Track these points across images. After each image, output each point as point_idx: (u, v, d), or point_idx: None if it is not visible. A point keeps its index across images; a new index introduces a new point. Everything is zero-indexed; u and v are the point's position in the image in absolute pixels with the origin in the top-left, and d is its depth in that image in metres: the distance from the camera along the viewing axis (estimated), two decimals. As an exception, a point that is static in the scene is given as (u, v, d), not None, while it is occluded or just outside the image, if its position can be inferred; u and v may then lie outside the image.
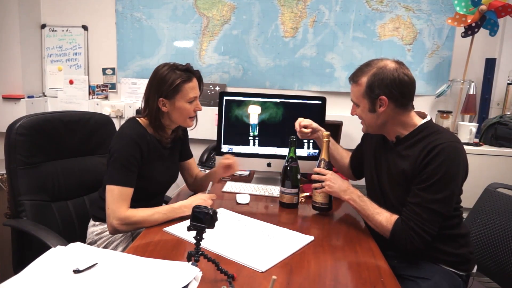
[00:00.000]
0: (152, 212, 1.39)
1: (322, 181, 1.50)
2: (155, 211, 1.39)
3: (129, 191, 1.40)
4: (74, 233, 1.63)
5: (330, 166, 1.55)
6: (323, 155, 1.56)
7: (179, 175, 1.77)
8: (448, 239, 1.36)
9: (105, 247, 1.50)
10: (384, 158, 1.46)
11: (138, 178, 1.45)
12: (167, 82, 1.45)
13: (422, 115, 1.43)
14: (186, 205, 1.44)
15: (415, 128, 1.37)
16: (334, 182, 1.47)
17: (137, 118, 1.52)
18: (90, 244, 1.53)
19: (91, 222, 1.56)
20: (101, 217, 1.49)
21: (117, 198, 1.37)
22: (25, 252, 1.54)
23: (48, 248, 1.07)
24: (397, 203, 1.37)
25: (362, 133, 2.51)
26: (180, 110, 1.49)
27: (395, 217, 1.33)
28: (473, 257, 1.43)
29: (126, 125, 1.49)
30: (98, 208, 1.54)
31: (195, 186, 1.79)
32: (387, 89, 1.32)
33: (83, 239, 1.54)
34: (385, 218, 1.34)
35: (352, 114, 1.48)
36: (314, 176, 1.54)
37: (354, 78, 1.40)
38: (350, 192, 1.44)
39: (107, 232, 1.48)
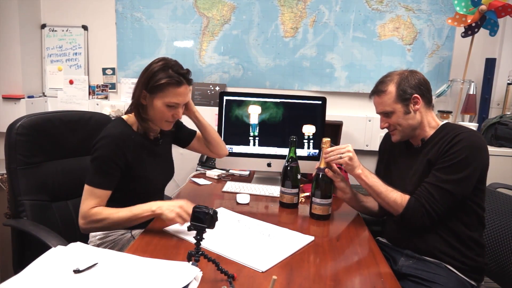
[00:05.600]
0: (118, 210, 1.33)
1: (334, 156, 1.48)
2: (122, 209, 1.33)
3: (101, 193, 1.35)
4: (74, 233, 1.62)
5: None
6: (323, 164, 1.51)
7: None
8: (468, 241, 1.38)
9: None
10: (410, 162, 1.49)
11: (130, 180, 1.42)
12: (155, 77, 1.38)
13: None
14: (157, 203, 1.33)
15: (438, 127, 1.46)
16: (355, 155, 1.47)
17: (123, 117, 1.48)
18: None
19: None
20: None
21: (86, 197, 1.35)
22: (25, 252, 1.53)
23: (48, 248, 1.07)
24: None
25: (362, 134, 2.53)
26: (155, 110, 1.42)
27: (407, 196, 1.38)
28: (486, 269, 1.45)
29: (111, 125, 1.44)
30: None
31: (212, 147, 1.74)
32: (417, 87, 1.43)
33: (83, 239, 1.52)
34: (399, 196, 1.39)
35: (382, 127, 1.52)
36: (332, 151, 1.48)
37: (380, 90, 1.47)
38: (363, 167, 1.47)
39: (110, 237, 1.47)
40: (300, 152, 1.89)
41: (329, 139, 1.53)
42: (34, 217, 1.49)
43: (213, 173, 2.08)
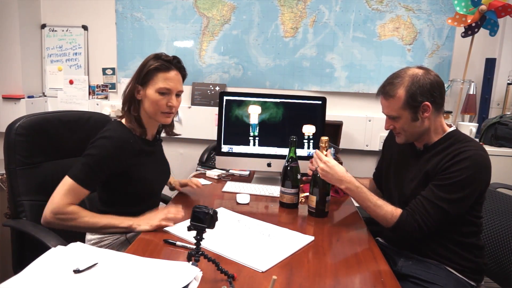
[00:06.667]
0: (94, 214, 1.32)
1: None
2: (99, 215, 1.33)
3: (81, 191, 1.32)
4: (73, 233, 1.62)
5: None
6: None
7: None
8: (466, 245, 1.37)
9: None
10: (410, 164, 1.46)
11: (130, 183, 1.43)
12: (144, 67, 1.41)
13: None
14: (136, 220, 1.32)
15: (444, 135, 1.39)
16: (328, 171, 1.43)
17: (120, 120, 1.49)
18: None
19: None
20: None
21: (66, 191, 1.31)
22: (25, 252, 1.53)
23: (48, 248, 1.06)
24: None
25: (362, 134, 2.53)
26: (150, 100, 1.41)
27: (399, 211, 1.34)
28: (486, 269, 1.44)
29: (111, 127, 1.43)
30: None
31: None
32: (429, 93, 1.32)
33: (81, 239, 1.53)
34: (389, 211, 1.35)
35: (387, 128, 1.46)
36: (310, 165, 1.53)
37: (388, 93, 1.37)
38: (346, 182, 1.41)
39: (105, 242, 1.46)
40: (300, 152, 1.88)
41: (327, 138, 1.53)
42: (34, 218, 1.48)
43: (213, 173, 2.08)
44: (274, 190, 1.80)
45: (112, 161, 1.37)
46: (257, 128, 1.97)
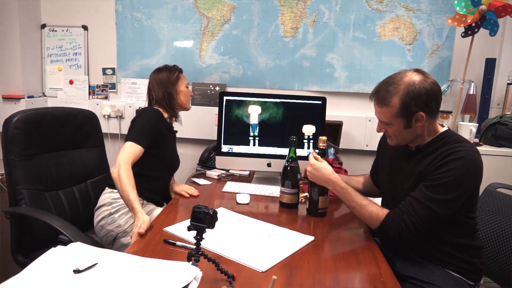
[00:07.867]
0: (133, 187, 1.49)
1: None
2: (133, 190, 1.49)
3: (137, 149, 1.63)
4: (66, 220, 1.68)
5: None
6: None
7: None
8: (461, 246, 1.36)
9: (118, 210, 1.69)
10: (402, 165, 1.45)
11: (160, 147, 1.76)
12: (174, 75, 1.88)
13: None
14: (144, 217, 1.38)
15: (436, 136, 1.38)
16: (315, 173, 1.47)
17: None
18: (103, 206, 1.72)
19: (108, 189, 1.76)
20: None
21: (128, 152, 1.60)
22: (24, 237, 1.61)
23: (51, 228, 1.07)
24: None
25: (362, 134, 2.53)
26: (184, 93, 1.89)
27: (385, 211, 1.34)
28: (484, 268, 1.42)
29: (148, 108, 1.82)
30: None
31: None
32: (424, 104, 1.29)
33: (83, 226, 1.68)
34: (375, 211, 1.35)
35: (379, 131, 1.45)
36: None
37: (382, 100, 1.33)
38: (332, 183, 1.44)
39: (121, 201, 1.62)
40: (300, 152, 1.88)
41: (325, 137, 1.53)
42: (32, 205, 1.60)
43: (213, 173, 2.08)
44: (274, 190, 1.80)
45: (156, 125, 1.74)
46: (257, 128, 1.97)
